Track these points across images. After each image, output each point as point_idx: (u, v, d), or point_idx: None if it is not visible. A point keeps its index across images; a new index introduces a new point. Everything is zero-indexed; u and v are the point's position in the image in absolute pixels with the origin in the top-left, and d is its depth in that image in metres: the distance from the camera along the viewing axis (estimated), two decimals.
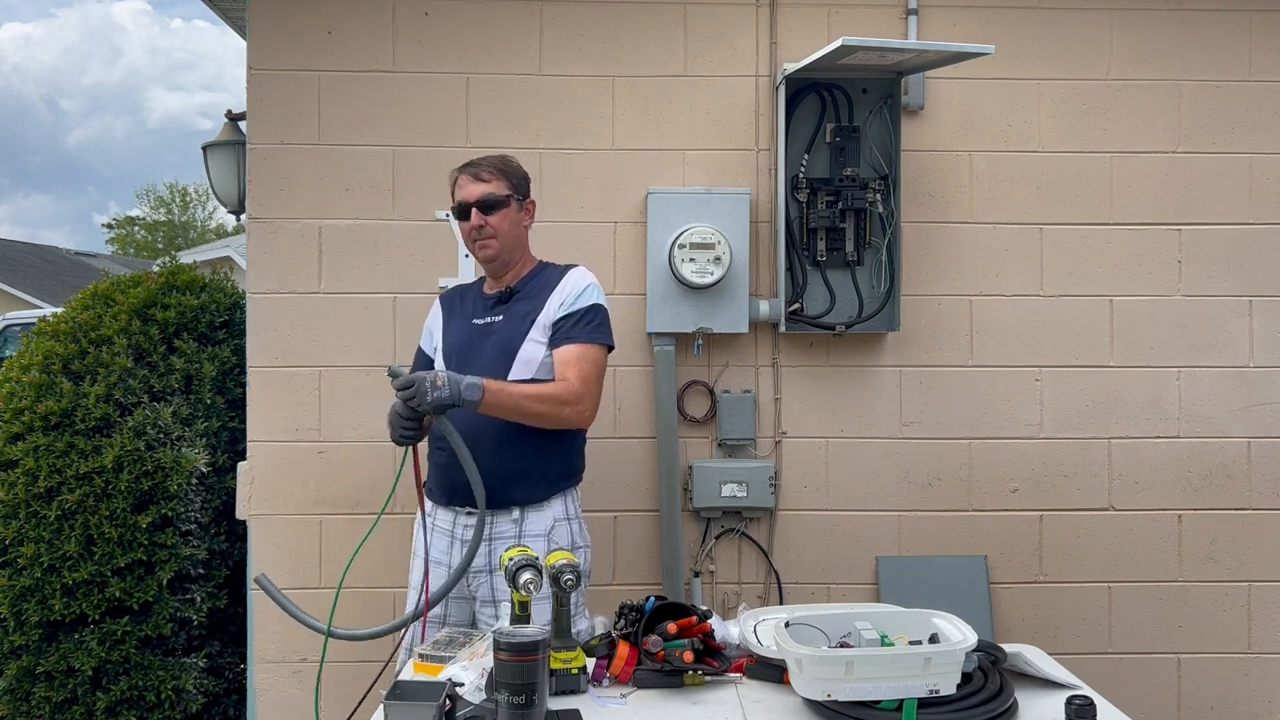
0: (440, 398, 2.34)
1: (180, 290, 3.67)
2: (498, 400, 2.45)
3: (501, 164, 2.70)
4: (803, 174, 3.37)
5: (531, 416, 2.52)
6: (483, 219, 2.63)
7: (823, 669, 1.82)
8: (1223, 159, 3.48)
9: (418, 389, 2.34)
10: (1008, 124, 3.47)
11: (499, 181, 2.66)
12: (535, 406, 2.50)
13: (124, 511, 3.21)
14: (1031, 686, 2.02)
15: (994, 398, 3.46)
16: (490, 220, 2.63)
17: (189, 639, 3.42)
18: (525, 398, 2.50)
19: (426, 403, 2.34)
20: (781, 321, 3.34)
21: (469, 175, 2.67)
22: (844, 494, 3.45)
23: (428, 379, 2.35)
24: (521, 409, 2.49)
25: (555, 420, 2.55)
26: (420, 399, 2.34)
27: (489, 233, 2.63)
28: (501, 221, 2.64)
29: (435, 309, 2.84)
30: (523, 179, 2.73)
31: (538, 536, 2.58)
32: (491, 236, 2.64)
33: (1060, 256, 3.47)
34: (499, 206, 2.63)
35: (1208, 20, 3.48)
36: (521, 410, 2.50)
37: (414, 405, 2.36)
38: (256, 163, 3.39)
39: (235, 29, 4.02)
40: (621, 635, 2.09)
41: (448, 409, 2.37)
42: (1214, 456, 3.49)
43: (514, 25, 3.41)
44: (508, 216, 2.65)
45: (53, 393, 3.30)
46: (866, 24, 3.41)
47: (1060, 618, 3.47)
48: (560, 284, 2.66)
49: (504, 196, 2.65)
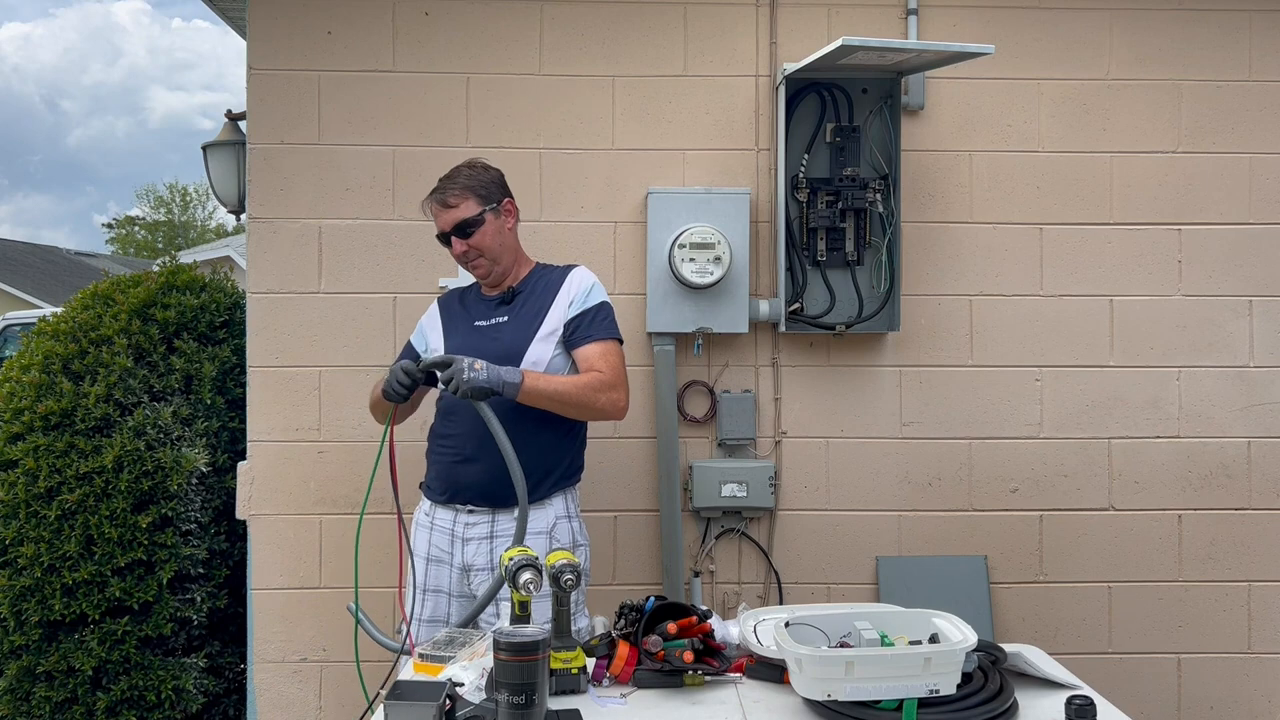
0: (478, 380, 2.35)
1: (180, 290, 3.67)
2: (536, 388, 2.46)
3: (467, 179, 2.64)
4: (803, 174, 3.37)
5: (569, 406, 2.53)
6: (464, 244, 2.62)
7: (823, 669, 1.82)
8: (1223, 159, 3.48)
9: (454, 371, 2.34)
10: (1008, 124, 3.47)
11: (467, 201, 2.62)
12: (574, 395, 2.52)
13: (124, 511, 3.21)
14: (1031, 686, 2.01)
15: (994, 398, 3.46)
16: (472, 243, 2.62)
17: (189, 639, 3.42)
18: (564, 386, 2.52)
19: (464, 382, 2.34)
20: (781, 321, 3.34)
21: (437, 204, 2.64)
22: (844, 494, 3.45)
23: (465, 360, 2.36)
24: (560, 396, 2.51)
25: (592, 409, 2.56)
26: (457, 379, 2.34)
27: (475, 254, 2.63)
28: (483, 239, 2.62)
29: (433, 311, 2.83)
30: (492, 184, 2.67)
31: (539, 534, 2.59)
32: (480, 256, 2.64)
33: (1060, 256, 3.47)
34: (475, 226, 2.61)
35: (1208, 20, 3.48)
36: (560, 398, 2.51)
37: (451, 387, 2.35)
38: (256, 163, 3.39)
39: (235, 29, 4.02)
40: (621, 635, 2.09)
41: (487, 395, 2.38)
42: (1214, 456, 3.49)
43: (514, 25, 3.41)
44: (488, 231, 2.63)
45: (53, 393, 3.30)
46: (866, 24, 3.41)
47: (1060, 618, 3.47)
48: (566, 284, 2.67)
49: (477, 215, 2.61)
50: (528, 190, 3.39)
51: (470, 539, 2.62)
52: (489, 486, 2.58)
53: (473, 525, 2.62)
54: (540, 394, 2.48)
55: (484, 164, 2.72)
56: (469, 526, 2.62)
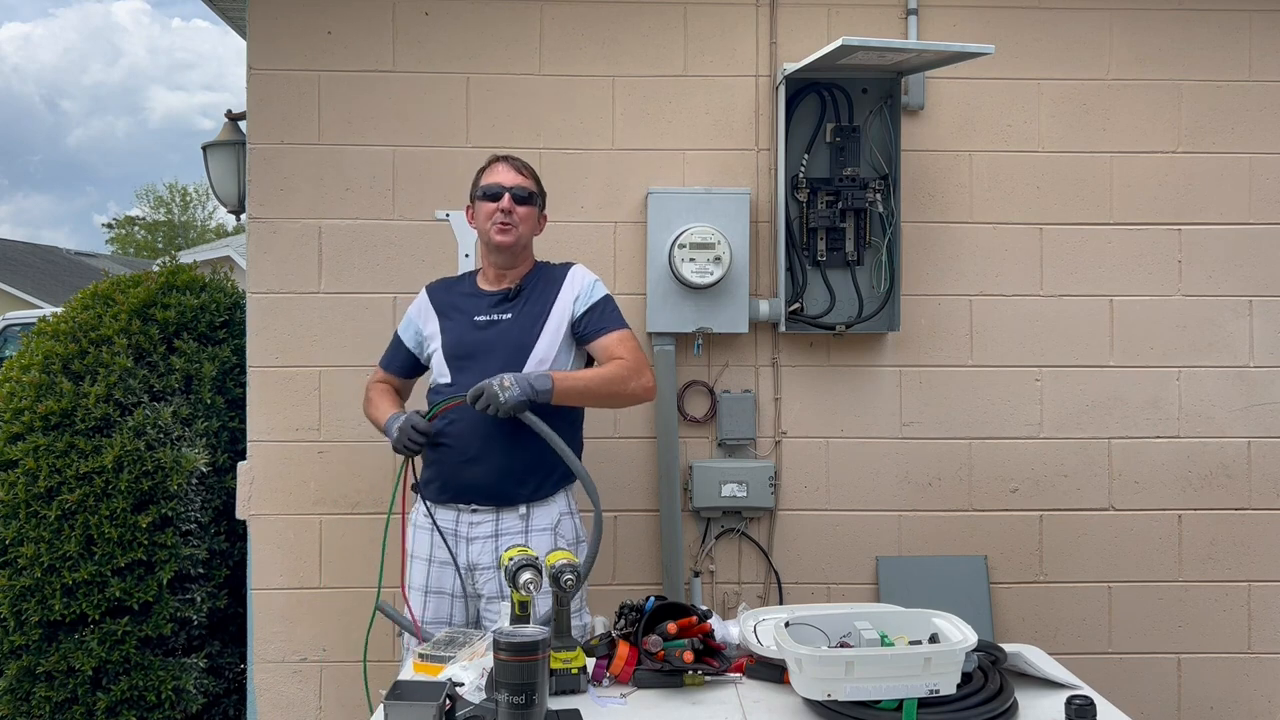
0: (514, 397, 2.40)
1: (180, 290, 3.67)
2: (566, 388, 2.52)
3: (534, 170, 2.79)
4: (803, 174, 3.37)
5: (601, 396, 2.61)
6: (513, 206, 2.69)
7: (823, 669, 1.82)
8: (1223, 159, 3.48)
9: (488, 396, 2.40)
10: (1008, 124, 3.47)
11: (533, 181, 2.75)
12: (604, 385, 2.58)
13: (124, 511, 3.21)
14: (1031, 686, 2.02)
15: (994, 398, 3.46)
16: (519, 211, 2.69)
17: (189, 639, 3.42)
18: (593, 379, 2.58)
19: (501, 404, 2.39)
20: (781, 321, 3.34)
21: (509, 165, 2.74)
22: (844, 494, 3.45)
23: (493, 383, 2.41)
24: (592, 391, 2.58)
25: (624, 396, 2.62)
26: (494, 403, 2.39)
27: (515, 220, 2.69)
28: (527, 216, 2.71)
29: (423, 302, 2.84)
30: (544, 192, 2.81)
31: (545, 530, 2.61)
32: (517, 225, 2.70)
33: (1060, 256, 3.47)
34: (529, 201, 2.71)
35: (1208, 20, 3.48)
36: (592, 393, 2.59)
37: (491, 411, 2.40)
38: (256, 163, 3.39)
39: (235, 29, 4.02)
40: (621, 635, 2.09)
41: (524, 408, 2.42)
42: (1214, 456, 3.49)
43: (514, 25, 3.41)
44: (531, 215, 2.73)
45: (53, 393, 3.30)
46: (866, 24, 3.41)
47: (1060, 618, 3.47)
48: (568, 280, 2.73)
49: (535, 194, 2.73)
50: None
51: (475, 538, 2.62)
52: (494, 486, 2.59)
53: (476, 524, 2.62)
54: (572, 391, 2.55)
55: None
56: (473, 526, 2.63)
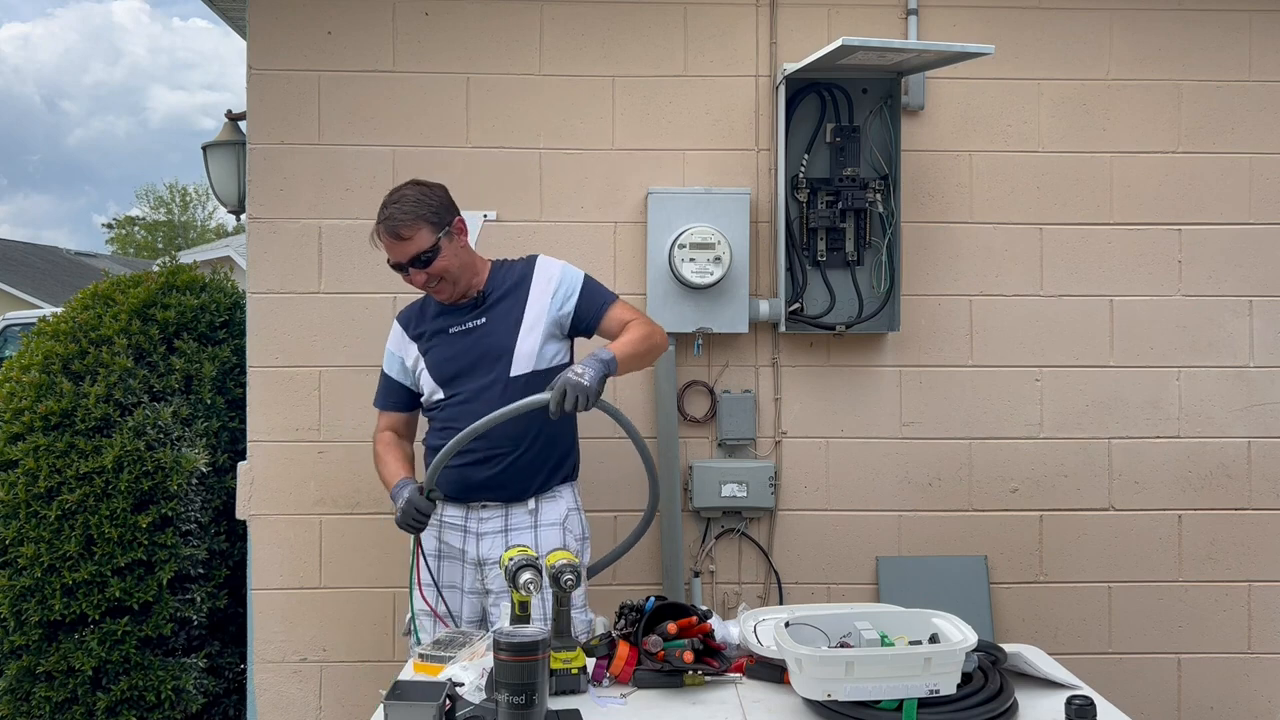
0: (593, 382, 2.37)
1: (180, 290, 3.67)
2: (623, 355, 2.52)
3: (415, 205, 2.55)
4: (803, 174, 3.37)
5: (645, 356, 2.63)
6: (424, 273, 2.58)
7: (823, 669, 1.82)
8: (1223, 159, 3.48)
9: (574, 391, 2.35)
10: (1008, 124, 3.47)
11: (421, 230, 2.54)
12: (642, 345, 2.60)
13: (124, 511, 3.21)
14: (1031, 686, 2.02)
15: (994, 398, 3.46)
16: (432, 270, 2.57)
17: (189, 639, 3.42)
18: (633, 343, 2.58)
19: (589, 389, 2.36)
20: (781, 321, 3.34)
21: (390, 236, 2.55)
22: (844, 494, 3.45)
23: (568, 380, 2.36)
24: (638, 353, 2.59)
25: (656, 350, 2.65)
26: (581, 393, 2.35)
27: (436, 279, 2.59)
28: (443, 264, 2.57)
29: (399, 334, 2.77)
30: (442, 206, 2.60)
31: (553, 525, 2.64)
32: (441, 280, 2.60)
33: (1060, 256, 3.47)
34: (433, 254, 2.55)
35: (1208, 20, 3.48)
36: (638, 355, 2.59)
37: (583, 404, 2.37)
38: (256, 163, 3.39)
39: (235, 29, 4.02)
40: (621, 635, 2.09)
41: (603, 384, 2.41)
42: (1214, 456, 3.48)
43: (514, 25, 3.41)
44: (445, 256, 2.57)
45: (53, 393, 3.29)
46: (866, 24, 3.41)
47: (1060, 618, 3.47)
48: (537, 274, 2.69)
49: (433, 244, 2.55)
50: (528, 190, 3.39)
51: (485, 534, 2.64)
52: (505, 484, 2.61)
53: (486, 520, 2.64)
54: (626, 357, 2.54)
55: (426, 183, 2.64)
56: (482, 521, 2.64)
